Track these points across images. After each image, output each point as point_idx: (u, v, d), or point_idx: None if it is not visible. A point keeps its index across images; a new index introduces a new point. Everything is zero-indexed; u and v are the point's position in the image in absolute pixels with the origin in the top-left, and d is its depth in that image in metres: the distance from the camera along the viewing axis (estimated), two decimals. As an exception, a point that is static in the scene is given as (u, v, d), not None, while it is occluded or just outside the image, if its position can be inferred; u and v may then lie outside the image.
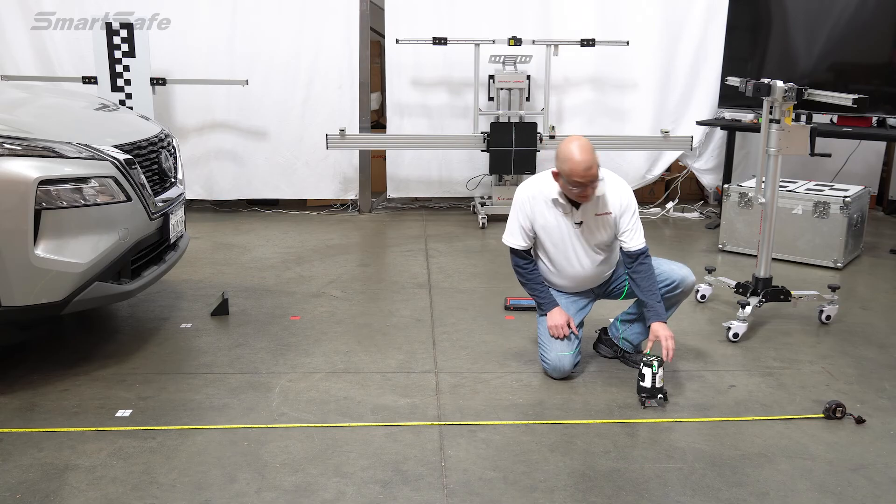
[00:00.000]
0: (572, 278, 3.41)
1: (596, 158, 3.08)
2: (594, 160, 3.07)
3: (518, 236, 3.35)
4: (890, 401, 3.18)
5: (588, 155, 3.05)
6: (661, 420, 3.00)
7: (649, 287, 3.24)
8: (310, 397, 3.16)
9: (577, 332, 3.38)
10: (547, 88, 6.07)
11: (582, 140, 3.10)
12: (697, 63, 6.35)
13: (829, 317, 4.02)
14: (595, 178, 3.10)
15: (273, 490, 2.52)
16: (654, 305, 3.23)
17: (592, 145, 3.11)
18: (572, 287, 3.46)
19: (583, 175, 3.05)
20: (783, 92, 3.71)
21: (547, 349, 3.34)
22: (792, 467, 2.68)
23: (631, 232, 3.24)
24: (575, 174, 3.05)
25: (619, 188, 3.27)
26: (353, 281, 4.68)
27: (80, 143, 3.16)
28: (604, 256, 3.36)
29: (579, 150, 3.05)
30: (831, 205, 4.92)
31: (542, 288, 3.42)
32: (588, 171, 3.05)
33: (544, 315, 3.39)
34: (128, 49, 5.62)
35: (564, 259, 3.35)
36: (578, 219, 3.26)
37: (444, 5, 6.20)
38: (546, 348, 3.34)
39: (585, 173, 3.05)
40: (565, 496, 2.50)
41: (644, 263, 3.25)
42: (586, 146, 3.07)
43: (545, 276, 3.46)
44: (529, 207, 3.30)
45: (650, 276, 3.25)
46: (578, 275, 3.39)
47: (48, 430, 2.87)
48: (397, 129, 6.40)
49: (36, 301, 3.05)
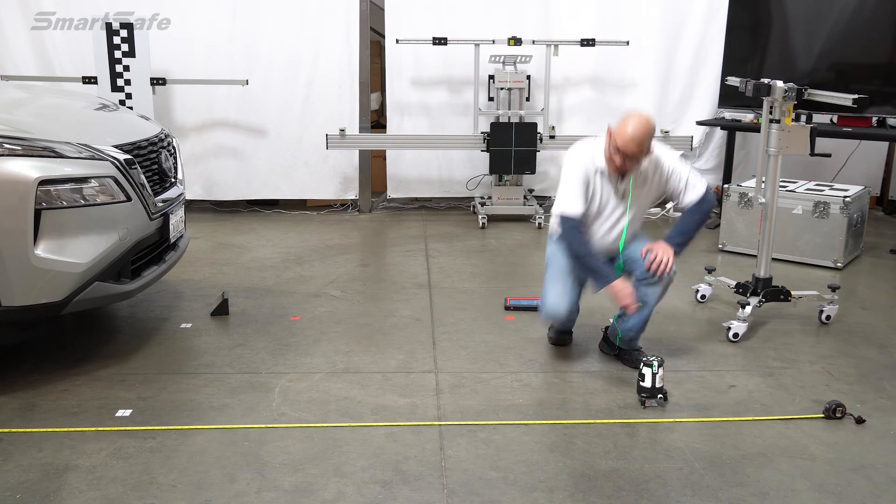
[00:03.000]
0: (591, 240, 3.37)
1: (647, 139, 3.10)
2: (643, 138, 3.09)
3: (581, 200, 3.27)
4: (890, 401, 3.18)
5: (640, 131, 3.08)
6: (661, 420, 3.00)
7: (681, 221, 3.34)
8: (310, 397, 3.16)
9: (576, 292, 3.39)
10: (547, 88, 6.07)
11: (645, 118, 3.12)
12: (697, 63, 6.35)
13: (829, 317, 4.02)
14: (635, 156, 3.12)
15: (273, 490, 2.52)
16: (671, 232, 3.32)
17: (653, 127, 3.14)
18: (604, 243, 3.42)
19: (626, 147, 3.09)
20: (783, 92, 3.71)
21: (546, 293, 3.38)
22: (792, 467, 2.68)
23: (684, 193, 3.33)
24: (618, 139, 3.10)
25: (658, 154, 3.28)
26: (353, 281, 4.68)
27: (80, 143, 3.16)
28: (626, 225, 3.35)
29: (633, 126, 3.08)
30: (831, 205, 4.92)
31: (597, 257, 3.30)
32: (630, 145, 3.08)
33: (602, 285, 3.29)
34: (128, 49, 5.62)
35: (598, 227, 3.35)
36: (622, 188, 3.29)
37: (444, 5, 6.20)
38: (546, 293, 3.39)
39: (628, 146, 3.08)
40: (565, 496, 2.50)
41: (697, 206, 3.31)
42: (644, 124, 3.10)
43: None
44: (588, 172, 3.27)
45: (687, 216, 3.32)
46: (598, 241, 3.37)
47: (48, 430, 2.87)
48: (397, 129, 6.40)
49: (36, 301, 3.05)
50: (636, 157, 3.14)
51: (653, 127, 3.14)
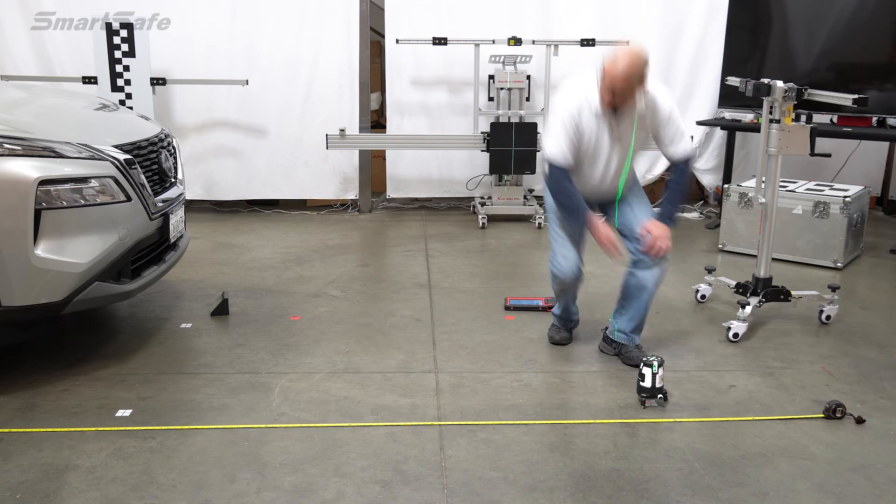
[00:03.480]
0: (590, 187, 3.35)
1: (638, 75, 3.02)
2: (633, 74, 3.01)
3: (569, 149, 3.22)
4: (890, 401, 3.18)
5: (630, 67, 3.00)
6: (661, 420, 3.00)
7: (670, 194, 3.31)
8: (310, 397, 3.16)
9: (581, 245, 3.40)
10: (547, 88, 6.07)
11: (637, 53, 3.05)
12: (697, 63, 6.35)
13: (829, 317, 4.02)
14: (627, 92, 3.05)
15: (273, 490, 2.52)
16: (664, 208, 3.30)
17: (646, 61, 3.05)
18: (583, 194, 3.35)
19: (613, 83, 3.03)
20: (783, 92, 3.71)
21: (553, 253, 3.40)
22: (792, 467, 2.68)
23: (672, 144, 3.27)
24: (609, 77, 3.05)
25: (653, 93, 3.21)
26: (353, 281, 4.68)
27: (80, 143, 3.16)
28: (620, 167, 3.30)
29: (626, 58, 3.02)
30: (831, 205, 4.92)
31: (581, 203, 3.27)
32: (621, 79, 3.02)
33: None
34: (128, 49, 5.62)
35: (592, 169, 3.31)
36: (615, 126, 3.21)
37: (444, 5, 6.20)
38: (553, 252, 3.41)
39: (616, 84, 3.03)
40: (565, 496, 2.50)
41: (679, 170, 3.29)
42: (635, 59, 3.02)
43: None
44: (578, 118, 3.19)
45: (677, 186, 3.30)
46: (596, 186, 3.34)
47: (48, 430, 2.87)
48: (397, 129, 6.40)
49: (36, 301, 3.05)
50: (628, 93, 3.06)
51: (645, 61, 3.05)
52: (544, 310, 4.11)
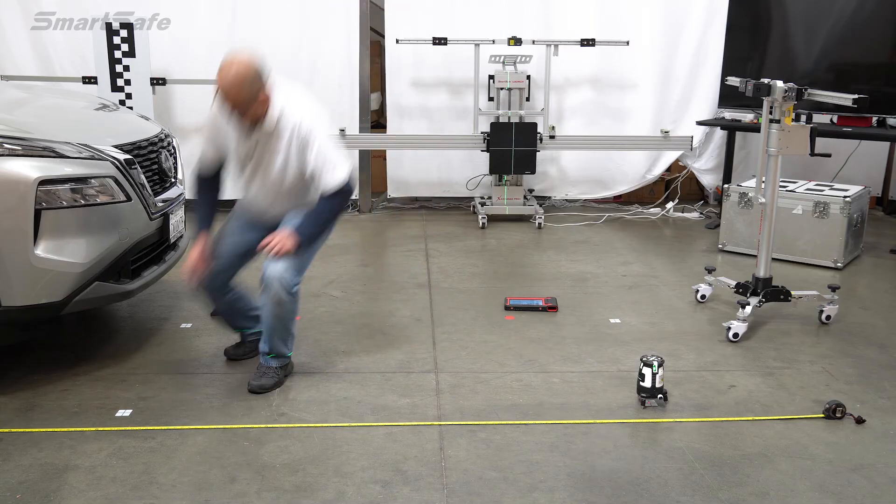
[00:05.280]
0: (252, 190, 3.16)
1: (245, 88, 2.78)
2: (239, 89, 2.77)
3: (208, 144, 3.13)
4: (890, 401, 3.18)
5: (231, 83, 2.77)
6: (661, 420, 3.00)
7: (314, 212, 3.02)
8: (310, 397, 3.16)
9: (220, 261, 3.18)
10: (547, 88, 6.07)
11: (239, 64, 2.79)
12: (697, 63, 6.34)
13: (829, 317, 4.02)
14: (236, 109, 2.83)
15: (273, 490, 2.52)
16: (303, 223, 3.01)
17: (255, 71, 2.81)
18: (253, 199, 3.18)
19: (223, 100, 2.83)
20: (783, 92, 3.71)
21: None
22: (792, 467, 2.68)
23: (323, 171, 2.95)
24: (218, 85, 2.83)
25: (295, 117, 2.94)
26: (353, 281, 4.68)
27: (80, 143, 3.16)
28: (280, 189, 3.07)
29: (225, 75, 2.79)
30: (831, 205, 4.92)
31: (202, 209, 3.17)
32: (226, 98, 2.81)
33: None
34: (128, 49, 5.62)
35: (245, 179, 3.14)
36: (254, 139, 2.99)
37: (444, 5, 6.20)
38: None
39: (224, 100, 2.82)
40: (565, 496, 2.50)
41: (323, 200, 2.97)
42: (238, 73, 2.77)
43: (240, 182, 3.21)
44: (217, 120, 3.05)
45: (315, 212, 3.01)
46: (255, 190, 3.13)
47: (48, 430, 2.87)
48: (397, 130, 6.40)
49: (36, 301, 3.05)
50: (241, 106, 2.82)
51: (255, 71, 2.81)
52: (544, 310, 4.11)
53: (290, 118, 2.96)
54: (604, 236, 5.77)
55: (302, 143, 2.96)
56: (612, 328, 3.93)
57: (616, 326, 3.95)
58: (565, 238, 5.70)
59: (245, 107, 2.85)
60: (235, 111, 2.87)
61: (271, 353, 3.22)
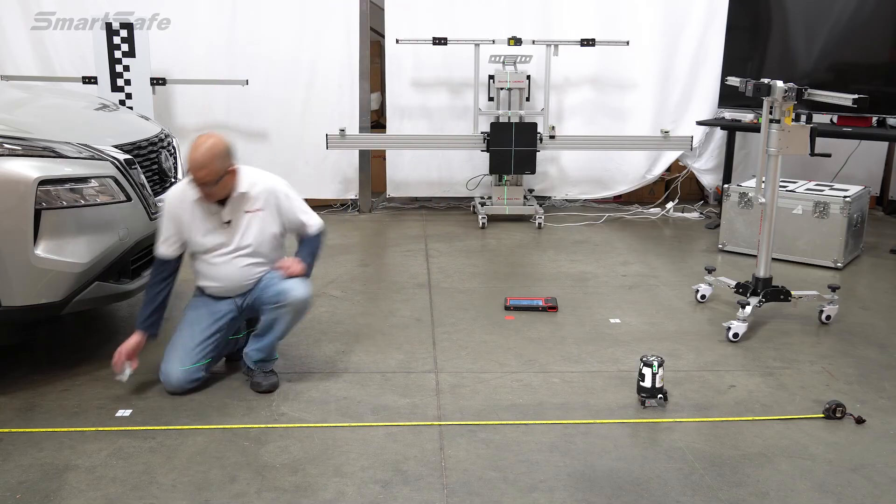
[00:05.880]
0: (218, 279, 3.21)
1: (218, 161, 2.94)
2: (212, 162, 2.93)
3: (167, 240, 3.16)
4: (890, 401, 3.18)
5: (205, 155, 2.92)
6: (661, 420, 3.00)
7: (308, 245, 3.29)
8: (310, 397, 3.16)
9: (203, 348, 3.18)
10: (547, 88, 6.07)
11: (212, 140, 2.97)
12: (697, 63, 6.35)
13: (829, 317, 4.02)
14: (207, 183, 2.96)
15: (273, 490, 2.52)
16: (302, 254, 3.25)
17: (226, 147, 2.99)
18: (219, 285, 3.23)
19: (194, 174, 2.95)
20: (783, 92, 3.71)
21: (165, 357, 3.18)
22: (792, 467, 2.68)
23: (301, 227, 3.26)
24: (190, 171, 2.97)
25: (266, 183, 3.17)
26: (353, 281, 4.68)
27: (80, 143, 3.16)
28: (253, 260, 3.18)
29: (197, 149, 2.94)
30: (831, 205, 4.92)
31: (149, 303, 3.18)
32: (198, 171, 2.93)
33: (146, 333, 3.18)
34: (128, 49, 5.62)
35: (212, 263, 3.18)
36: (227, 217, 3.11)
37: (444, 5, 6.20)
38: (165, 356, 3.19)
39: (196, 173, 2.95)
40: (565, 496, 2.50)
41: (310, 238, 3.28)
42: (212, 147, 2.94)
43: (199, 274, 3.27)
44: (176, 208, 3.12)
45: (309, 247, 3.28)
46: (224, 275, 3.18)
47: (48, 430, 2.87)
48: (397, 130, 6.40)
49: (36, 301, 3.05)
50: (207, 184, 2.96)
51: (221, 150, 2.96)
52: (544, 310, 4.11)
53: (262, 184, 3.18)
54: (604, 236, 5.77)
55: (277, 202, 3.19)
56: (612, 328, 3.93)
57: (616, 326, 3.95)
58: (565, 238, 5.70)
59: (218, 177, 2.98)
60: (208, 184, 2.98)
61: (271, 359, 3.27)
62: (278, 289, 3.14)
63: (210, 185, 2.99)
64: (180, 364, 3.13)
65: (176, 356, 3.15)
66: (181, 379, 3.13)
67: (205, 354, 3.19)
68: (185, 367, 3.13)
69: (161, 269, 3.21)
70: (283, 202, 3.21)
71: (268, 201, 3.17)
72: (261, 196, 3.16)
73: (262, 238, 3.18)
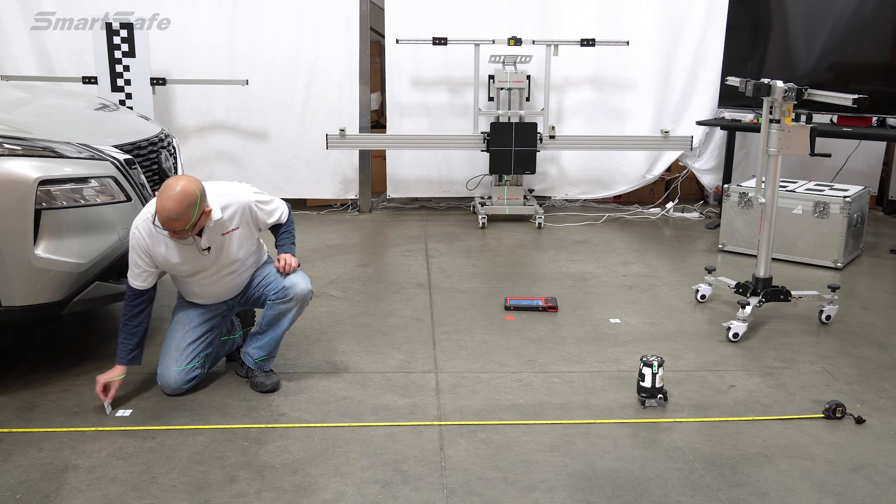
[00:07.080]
0: (206, 297, 3.21)
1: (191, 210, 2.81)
2: (185, 213, 2.80)
3: (141, 273, 3.02)
4: (890, 401, 3.18)
5: (177, 208, 2.78)
6: (661, 420, 3.00)
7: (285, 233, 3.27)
8: (310, 397, 3.16)
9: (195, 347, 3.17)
10: (547, 88, 6.07)
11: (181, 186, 2.81)
12: (697, 63, 6.34)
13: (829, 317, 4.02)
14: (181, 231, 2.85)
15: (273, 490, 2.52)
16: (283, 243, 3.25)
17: (197, 192, 2.84)
18: (207, 301, 3.24)
19: (166, 226, 2.84)
20: (783, 92, 3.71)
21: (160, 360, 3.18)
22: (792, 467, 2.68)
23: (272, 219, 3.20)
24: (161, 222, 2.85)
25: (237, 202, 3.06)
26: (353, 281, 4.68)
27: (80, 143, 3.16)
28: (238, 271, 3.18)
29: (168, 199, 2.79)
30: (831, 205, 4.92)
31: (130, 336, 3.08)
32: (171, 223, 2.81)
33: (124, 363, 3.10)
34: (128, 49, 5.62)
35: (197, 284, 3.15)
36: (205, 245, 3.02)
37: (444, 5, 6.20)
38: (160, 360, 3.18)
39: (169, 225, 2.83)
40: (565, 496, 2.50)
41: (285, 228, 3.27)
42: (183, 196, 2.79)
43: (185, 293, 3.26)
44: (148, 243, 2.99)
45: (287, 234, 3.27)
46: (212, 293, 3.19)
47: (48, 430, 2.87)
48: (397, 129, 6.40)
49: (36, 301, 3.05)
50: (182, 232, 2.86)
51: (192, 199, 2.81)
52: (544, 310, 4.11)
53: (234, 205, 3.07)
54: (604, 236, 5.77)
55: (251, 215, 3.13)
56: (612, 328, 3.93)
57: (616, 326, 3.95)
58: (565, 238, 5.70)
59: (192, 225, 2.87)
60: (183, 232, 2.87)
61: (273, 357, 3.27)
62: (282, 284, 3.14)
63: (185, 232, 2.88)
64: (175, 364, 3.13)
65: (171, 357, 3.15)
66: (178, 379, 3.12)
67: (198, 353, 3.19)
68: (181, 367, 3.13)
69: (136, 302, 3.05)
70: (256, 212, 3.13)
71: (242, 218, 3.09)
72: (235, 216, 3.06)
73: (243, 250, 3.14)
